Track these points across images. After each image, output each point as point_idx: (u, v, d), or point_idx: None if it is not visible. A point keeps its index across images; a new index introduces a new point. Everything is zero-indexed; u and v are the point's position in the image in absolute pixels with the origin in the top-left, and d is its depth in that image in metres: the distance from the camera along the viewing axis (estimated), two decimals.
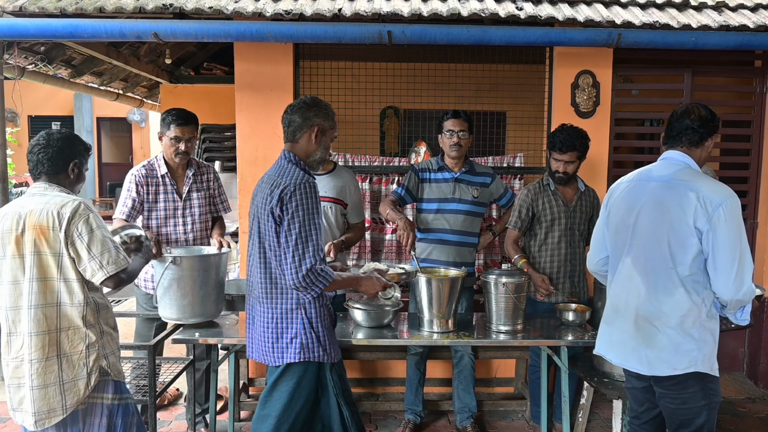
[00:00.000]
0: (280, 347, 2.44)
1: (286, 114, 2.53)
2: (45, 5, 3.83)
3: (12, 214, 2.28)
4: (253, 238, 2.52)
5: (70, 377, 2.23)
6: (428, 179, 3.63)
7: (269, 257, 2.43)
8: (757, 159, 4.54)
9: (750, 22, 3.91)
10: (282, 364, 2.45)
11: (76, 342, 2.25)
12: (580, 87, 4.19)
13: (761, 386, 4.51)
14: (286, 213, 2.35)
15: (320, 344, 2.46)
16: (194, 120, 3.48)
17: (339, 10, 3.74)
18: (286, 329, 2.44)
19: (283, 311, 2.44)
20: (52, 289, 2.24)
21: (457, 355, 3.75)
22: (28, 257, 2.24)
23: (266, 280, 2.45)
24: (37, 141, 2.36)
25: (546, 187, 3.55)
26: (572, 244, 3.52)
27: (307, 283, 2.35)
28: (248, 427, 3.85)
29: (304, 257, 2.34)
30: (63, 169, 2.37)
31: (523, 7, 3.87)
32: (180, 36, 3.82)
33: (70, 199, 2.28)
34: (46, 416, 2.22)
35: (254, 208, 2.53)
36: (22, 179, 10.96)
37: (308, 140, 2.51)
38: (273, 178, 2.45)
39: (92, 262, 2.25)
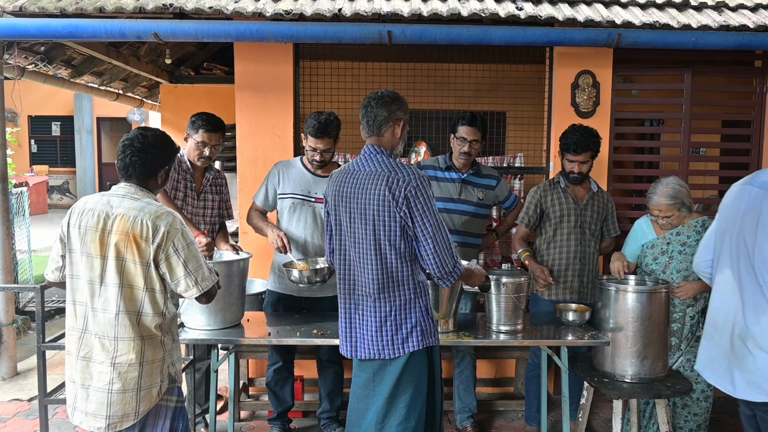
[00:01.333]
0: (401, 338, 2.43)
1: (369, 108, 2.49)
2: (45, 5, 3.83)
3: (98, 212, 2.22)
4: (358, 237, 2.46)
5: (147, 384, 2.23)
6: (435, 177, 3.62)
7: (386, 253, 2.40)
8: (757, 159, 4.53)
9: (750, 22, 3.92)
10: (403, 354, 2.43)
11: (158, 350, 2.25)
12: (580, 87, 4.20)
13: None
14: (415, 209, 2.34)
15: (435, 328, 2.50)
16: (222, 127, 3.47)
17: (339, 10, 3.74)
18: (406, 319, 2.43)
19: (402, 303, 2.43)
20: (136, 298, 2.21)
21: (459, 355, 3.75)
22: (112, 261, 2.19)
23: (382, 275, 2.41)
24: (131, 143, 2.27)
25: (556, 185, 3.56)
26: (582, 243, 3.52)
27: (448, 270, 2.38)
28: (248, 427, 3.85)
29: (445, 247, 2.37)
30: (154, 175, 2.32)
31: (523, 7, 3.87)
32: (180, 36, 3.82)
33: (164, 211, 2.24)
34: (119, 421, 2.21)
35: (357, 207, 2.45)
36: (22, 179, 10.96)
37: (393, 134, 2.50)
38: (381, 175, 2.39)
39: (188, 278, 2.24)
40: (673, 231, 3.29)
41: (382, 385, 2.45)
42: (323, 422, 3.66)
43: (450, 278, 2.41)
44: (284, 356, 3.56)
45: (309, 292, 3.43)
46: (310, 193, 3.40)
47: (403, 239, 2.38)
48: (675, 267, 3.28)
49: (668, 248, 3.30)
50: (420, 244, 2.37)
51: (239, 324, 3.18)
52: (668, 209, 3.20)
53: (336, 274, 2.61)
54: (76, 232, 2.24)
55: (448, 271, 2.39)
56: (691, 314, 3.30)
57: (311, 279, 3.17)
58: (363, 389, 2.52)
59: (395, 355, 2.43)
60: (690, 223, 3.28)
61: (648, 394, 3.02)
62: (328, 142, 3.30)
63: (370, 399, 2.49)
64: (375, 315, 2.45)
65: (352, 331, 2.54)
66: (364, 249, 2.44)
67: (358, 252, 2.46)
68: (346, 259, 2.52)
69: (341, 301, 2.57)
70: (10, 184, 5.11)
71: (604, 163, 4.23)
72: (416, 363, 2.45)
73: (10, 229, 4.63)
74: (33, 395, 4.17)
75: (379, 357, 2.44)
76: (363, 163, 2.47)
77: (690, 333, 3.31)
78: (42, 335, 3.50)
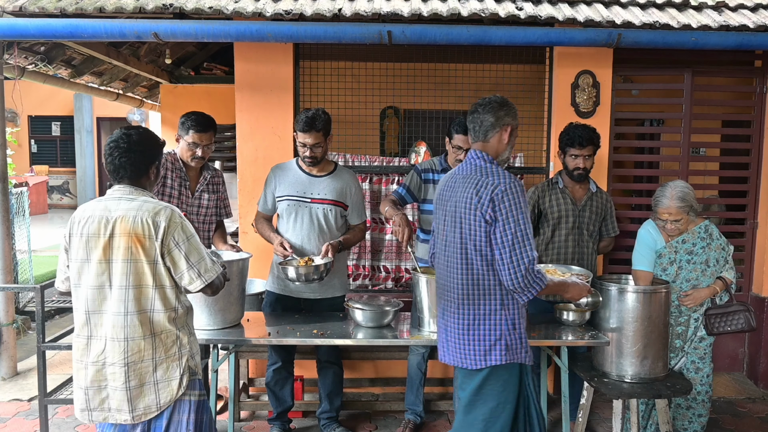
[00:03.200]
0: (483, 349, 2.36)
1: (476, 113, 2.47)
2: (45, 5, 3.83)
3: (98, 218, 2.23)
4: (448, 240, 2.45)
5: (164, 377, 2.26)
6: (432, 179, 3.62)
7: (473, 258, 2.36)
8: (757, 159, 4.54)
9: (750, 22, 3.92)
10: (485, 367, 2.37)
11: (169, 345, 2.27)
12: (580, 87, 4.20)
13: (761, 386, 4.51)
14: (499, 214, 2.28)
15: (522, 346, 2.39)
16: (213, 126, 3.43)
17: (339, 10, 3.74)
18: (490, 331, 2.36)
19: (486, 313, 2.36)
20: (146, 296, 2.24)
21: None
22: (119, 264, 2.21)
23: (467, 280, 2.38)
24: (117, 143, 2.27)
25: (554, 185, 3.55)
26: (580, 244, 3.51)
27: (524, 283, 2.29)
28: (248, 427, 3.85)
29: (522, 258, 2.27)
30: (145, 173, 2.33)
31: (523, 7, 3.87)
32: (180, 36, 3.82)
33: (162, 206, 2.26)
34: (143, 413, 2.26)
35: (449, 209, 2.46)
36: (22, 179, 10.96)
37: (499, 140, 2.46)
38: (474, 177, 2.39)
39: (191, 271, 2.26)
40: (679, 239, 3.27)
41: (464, 393, 2.43)
42: (323, 422, 3.66)
43: (526, 292, 2.31)
44: (284, 356, 3.55)
45: (308, 292, 3.42)
46: (305, 194, 3.40)
47: (488, 244, 2.32)
48: (684, 276, 3.27)
49: (676, 257, 3.28)
50: (497, 250, 2.30)
51: (239, 324, 3.18)
52: (678, 212, 3.16)
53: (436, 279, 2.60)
54: (78, 242, 2.25)
55: (522, 285, 2.28)
56: (696, 317, 3.31)
57: (308, 276, 3.16)
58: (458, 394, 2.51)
59: (476, 367, 2.37)
60: (693, 230, 3.27)
61: (648, 394, 3.02)
62: (316, 136, 3.28)
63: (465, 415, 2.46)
64: (458, 322, 2.41)
65: (440, 335, 2.54)
66: (452, 253, 2.43)
67: (448, 256, 2.46)
68: (439, 263, 2.52)
69: (438, 306, 2.56)
70: (10, 184, 5.11)
71: (604, 163, 4.23)
72: (500, 377, 2.37)
73: (10, 229, 4.63)
74: (33, 395, 4.17)
75: (461, 365, 2.42)
76: (464, 167, 2.48)
77: (693, 334, 3.32)
78: (42, 335, 3.50)
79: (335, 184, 3.43)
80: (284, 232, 3.42)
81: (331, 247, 3.25)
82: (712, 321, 3.26)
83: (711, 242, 3.27)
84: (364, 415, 4.02)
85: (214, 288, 2.36)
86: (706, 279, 3.26)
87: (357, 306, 3.11)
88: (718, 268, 3.28)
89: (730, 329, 3.24)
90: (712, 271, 3.26)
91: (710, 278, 3.26)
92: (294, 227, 3.40)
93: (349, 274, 4.25)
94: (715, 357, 4.58)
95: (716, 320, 3.25)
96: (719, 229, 3.37)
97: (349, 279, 4.32)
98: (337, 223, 3.44)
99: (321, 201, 3.39)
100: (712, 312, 3.26)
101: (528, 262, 2.28)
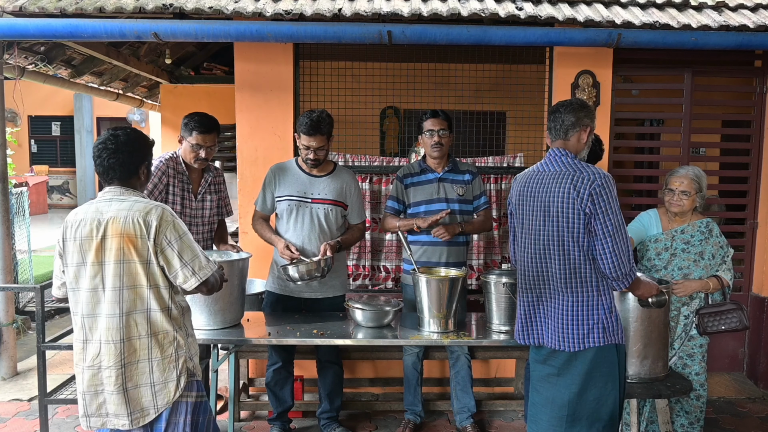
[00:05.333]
0: (583, 333, 2.49)
1: (557, 113, 2.59)
2: (45, 5, 3.83)
3: (90, 220, 2.22)
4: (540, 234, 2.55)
5: (161, 379, 2.25)
6: (412, 183, 3.62)
7: (571, 250, 2.47)
8: (757, 159, 4.54)
9: (750, 22, 3.92)
10: (584, 348, 2.49)
11: (166, 345, 2.26)
12: (580, 87, 4.20)
13: (761, 386, 4.51)
14: (598, 207, 2.41)
15: (618, 327, 2.53)
16: (216, 127, 3.41)
17: (339, 10, 3.74)
18: (588, 317, 2.49)
19: (584, 300, 2.49)
20: (141, 297, 2.23)
21: (453, 356, 3.75)
22: (111, 265, 2.20)
23: (567, 271, 2.49)
24: (105, 145, 2.27)
25: None
26: None
27: (624, 272, 2.44)
28: (248, 427, 3.85)
29: (622, 248, 2.42)
30: (135, 173, 2.32)
31: (523, 7, 3.87)
32: (180, 36, 3.82)
33: (153, 206, 2.25)
34: (141, 416, 2.25)
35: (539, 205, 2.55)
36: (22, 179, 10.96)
37: (578, 139, 2.57)
38: (566, 174, 2.48)
39: (185, 269, 2.25)
40: (678, 228, 3.30)
41: (569, 379, 2.52)
42: (323, 422, 3.66)
43: (625, 281, 2.46)
44: (284, 356, 3.55)
45: (308, 292, 3.42)
46: (306, 194, 3.40)
47: (586, 236, 2.44)
48: (677, 264, 3.29)
49: (672, 245, 3.31)
50: (599, 241, 2.42)
51: (239, 324, 3.18)
52: (690, 184, 3.26)
53: (517, 269, 2.70)
54: (72, 246, 2.25)
55: (624, 273, 2.43)
56: (686, 313, 3.31)
57: (309, 274, 3.16)
58: (544, 383, 2.59)
59: (575, 348, 2.49)
60: (695, 223, 3.30)
61: (648, 394, 3.02)
62: (321, 139, 3.28)
63: (555, 391, 2.55)
64: (559, 309, 2.53)
65: (533, 323, 2.63)
66: (548, 246, 2.53)
67: (543, 249, 2.55)
68: (529, 256, 2.61)
69: (521, 293, 2.68)
70: (10, 184, 5.11)
71: (604, 164, 4.23)
72: (605, 358, 2.50)
73: (10, 229, 4.63)
74: (33, 395, 4.17)
75: (560, 348, 2.52)
76: (548, 164, 2.57)
77: (683, 332, 3.32)
78: (42, 335, 3.50)
79: (335, 184, 3.43)
80: (284, 232, 3.42)
81: (329, 246, 3.25)
82: (705, 320, 3.26)
83: (710, 237, 3.29)
84: (364, 415, 4.02)
85: (210, 286, 2.35)
86: (698, 270, 3.27)
87: (357, 306, 3.11)
88: (712, 263, 3.28)
89: (723, 328, 3.25)
90: (705, 264, 3.27)
91: (702, 270, 3.28)
92: (294, 227, 3.39)
93: (349, 274, 4.25)
94: (716, 357, 4.58)
95: (709, 319, 3.25)
96: (720, 229, 3.38)
97: (349, 279, 4.32)
98: (338, 223, 3.45)
99: (321, 201, 3.39)
100: (705, 311, 3.26)
101: (629, 252, 2.44)
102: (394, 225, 3.56)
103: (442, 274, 3.20)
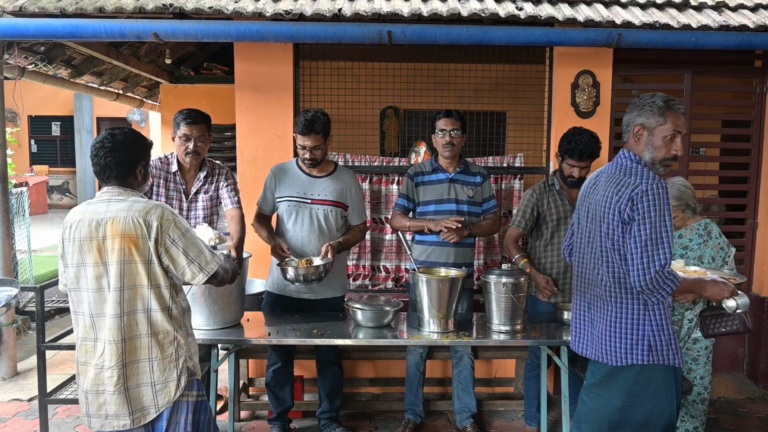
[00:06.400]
0: (625, 347, 2.36)
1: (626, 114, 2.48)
2: (45, 5, 3.83)
3: (88, 221, 2.22)
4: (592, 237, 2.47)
5: (161, 379, 2.25)
6: (423, 182, 3.62)
7: (612, 257, 2.37)
8: (757, 159, 4.54)
9: (750, 22, 3.92)
10: (626, 364, 2.36)
11: (166, 345, 2.26)
12: (580, 87, 4.20)
13: (761, 386, 4.51)
14: (636, 213, 2.26)
15: (670, 348, 2.36)
16: (204, 119, 3.39)
17: (339, 10, 3.74)
18: (633, 330, 2.35)
19: (629, 311, 2.36)
20: (142, 296, 2.23)
21: (457, 356, 3.75)
22: (114, 265, 2.20)
23: (611, 279, 2.38)
24: (102, 144, 2.26)
25: (551, 187, 3.55)
26: None
27: (653, 286, 2.26)
28: (248, 427, 3.85)
29: (652, 259, 2.24)
30: (132, 173, 2.32)
31: (523, 7, 3.87)
32: (180, 36, 3.82)
33: (152, 205, 2.25)
34: (141, 415, 2.25)
35: (591, 207, 2.48)
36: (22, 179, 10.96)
37: (635, 140, 2.42)
38: (616, 177, 2.38)
39: (192, 265, 2.26)
40: (676, 234, 3.27)
41: (612, 392, 2.41)
42: (323, 422, 3.66)
43: (655, 293, 2.29)
44: (284, 356, 3.55)
45: (308, 293, 3.42)
46: (305, 195, 3.39)
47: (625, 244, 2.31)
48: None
49: None
50: (628, 249, 2.29)
51: (239, 324, 3.18)
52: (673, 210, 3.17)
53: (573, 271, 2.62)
54: (71, 246, 2.25)
55: (651, 286, 2.26)
56: (690, 317, 3.30)
57: (307, 277, 3.16)
58: (591, 390, 2.50)
59: (617, 363, 2.37)
60: (692, 226, 3.27)
61: None
62: (316, 138, 3.28)
63: (598, 402, 2.45)
64: (603, 318, 2.42)
65: (581, 330, 2.56)
66: (596, 250, 2.45)
67: (591, 253, 2.48)
68: (581, 259, 2.55)
69: (575, 298, 2.60)
70: (10, 184, 5.11)
71: (604, 164, 4.22)
72: (651, 379, 2.35)
73: (10, 229, 4.63)
74: (33, 395, 4.17)
75: (602, 360, 2.42)
76: (609, 165, 2.50)
77: (686, 335, 3.31)
78: (42, 335, 3.50)
79: (335, 185, 3.42)
80: (285, 233, 3.42)
81: (330, 247, 3.25)
82: (707, 322, 3.23)
83: (709, 240, 3.26)
84: (364, 415, 4.02)
85: (220, 278, 2.37)
86: None
87: (357, 306, 3.11)
88: (713, 266, 3.26)
89: (725, 330, 3.22)
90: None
91: None
92: (294, 228, 3.39)
93: (349, 274, 4.25)
94: (715, 357, 4.56)
95: (711, 321, 3.23)
96: (720, 229, 3.37)
97: (349, 279, 4.32)
98: (338, 224, 3.44)
99: (321, 202, 3.39)
100: (707, 313, 3.24)
101: (660, 266, 2.25)
102: (403, 225, 3.56)
103: (442, 274, 3.20)
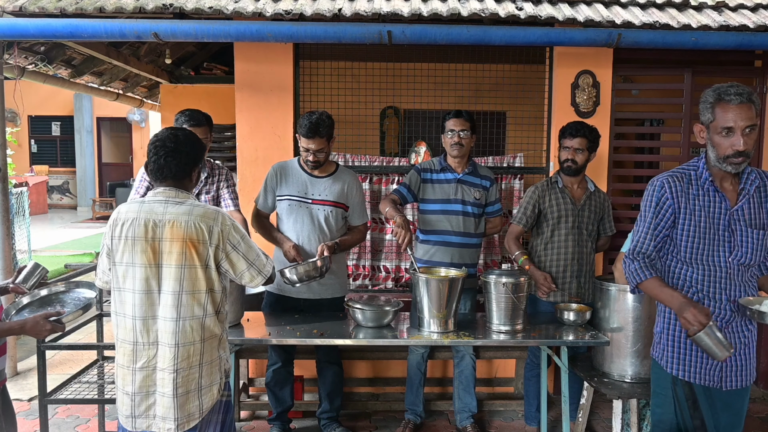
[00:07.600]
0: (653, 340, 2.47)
1: None
2: (45, 5, 3.83)
3: (144, 221, 2.18)
4: None
5: (207, 383, 2.25)
6: (430, 179, 3.62)
7: None
8: (757, 159, 4.53)
9: (750, 22, 3.92)
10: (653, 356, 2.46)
11: (216, 349, 2.28)
12: (580, 87, 4.20)
13: (761, 386, 4.51)
14: None
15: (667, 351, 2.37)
16: (206, 121, 3.38)
17: (339, 10, 3.74)
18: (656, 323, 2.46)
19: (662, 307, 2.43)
20: (199, 301, 2.21)
21: (459, 355, 3.75)
22: (171, 269, 2.18)
23: None
24: (163, 143, 2.23)
25: (554, 185, 3.55)
26: (580, 243, 3.51)
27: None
28: (248, 427, 3.85)
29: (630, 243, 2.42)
30: (188, 175, 2.30)
31: (523, 7, 3.87)
32: (180, 36, 3.82)
33: (211, 210, 2.25)
34: (186, 420, 2.23)
35: None
36: (22, 179, 10.97)
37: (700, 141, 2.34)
38: None
39: (251, 269, 2.29)
40: None
41: None
42: (323, 422, 3.66)
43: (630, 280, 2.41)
44: (284, 357, 3.55)
45: (308, 293, 3.41)
46: (306, 195, 3.39)
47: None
48: None
49: None
50: None
51: (239, 324, 3.18)
52: None
53: None
54: (122, 244, 2.20)
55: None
56: None
57: (307, 275, 3.16)
58: None
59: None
60: None
61: (648, 394, 3.02)
62: (320, 142, 3.27)
63: None
64: None
65: None
66: None
67: None
68: None
69: None
70: (10, 184, 5.11)
71: (604, 163, 4.23)
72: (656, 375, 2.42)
73: (10, 229, 4.63)
74: (33, 395, 4.17)
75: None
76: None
77: None
78: None
79: (336, 186, 3.42)
80: (284, 232, 3.42)
81: (326, 247, 3.24)
82: None
83: None
84: (364, 415, 4.02)
85: (272, 280, 2.43)
86: None
87: (357, 306, 3.11)
88: None
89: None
90: None
91: None
92: (294, 228, 3.39)
93: (349, 274, 4.25)
94: None
95: None
96: None
97: (349, 279, 4.32)
98: (338, 225, 3.44)
99: (322, 202, 3.39)
100: None
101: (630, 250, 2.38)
102: (384, 207, 3.43)
103: (442, 274, 3.20)
